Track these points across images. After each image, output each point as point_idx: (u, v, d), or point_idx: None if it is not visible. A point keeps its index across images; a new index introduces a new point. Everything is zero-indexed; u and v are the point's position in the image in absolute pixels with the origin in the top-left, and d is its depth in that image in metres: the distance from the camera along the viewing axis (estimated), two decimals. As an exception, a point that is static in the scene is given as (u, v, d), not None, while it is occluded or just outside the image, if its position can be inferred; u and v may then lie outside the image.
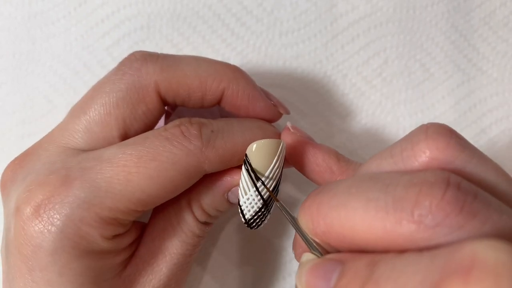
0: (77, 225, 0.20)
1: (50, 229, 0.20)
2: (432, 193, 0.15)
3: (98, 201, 0.20)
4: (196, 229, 0.23)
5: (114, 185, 0.20)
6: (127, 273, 0.23)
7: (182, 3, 0.31)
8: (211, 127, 0.22)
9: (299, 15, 0.31)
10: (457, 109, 0.31)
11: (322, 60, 0.31)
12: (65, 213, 0.20)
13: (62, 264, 0.20)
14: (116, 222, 0.21)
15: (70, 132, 0.23)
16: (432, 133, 0.17)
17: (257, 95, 0.24)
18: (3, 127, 0.31)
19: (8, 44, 0.31)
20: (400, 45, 0.31)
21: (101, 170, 0.21)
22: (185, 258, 0.23)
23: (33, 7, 0.31)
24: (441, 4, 0.31)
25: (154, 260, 0.23)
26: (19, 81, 0.31)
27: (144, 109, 0.23)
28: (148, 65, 0.23)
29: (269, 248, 0.30)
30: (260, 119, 0.25)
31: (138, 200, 0.21)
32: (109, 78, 0.23)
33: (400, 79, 0.31)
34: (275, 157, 0.21)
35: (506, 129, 0.31)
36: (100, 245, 0.21)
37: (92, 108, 0.23)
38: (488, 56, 0.31)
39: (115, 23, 0.31)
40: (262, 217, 0.22)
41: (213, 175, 0.23)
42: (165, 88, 0.23)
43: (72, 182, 0.20)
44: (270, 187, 0.21)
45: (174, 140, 0.21)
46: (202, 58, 0.24)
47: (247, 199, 0.21)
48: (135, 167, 0.20)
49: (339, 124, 0.31)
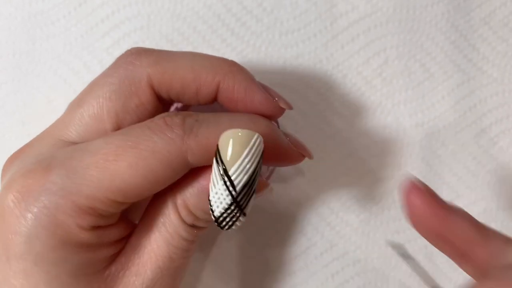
0: (53, 213, 0.20)
1: (26, 216, 0.20)
2: None
3: (75, 189, 0.20)
4: (182, 231, 0.22)
5: (92, 172, 0.20)
6: (111, 271, 0.22)
7: (182, 3, 0.31)
8: (196, 117, 0.21)
9: (299, 15, 0.31)
10: (457, 109, 0.31)
11: (322, 60, 0.31)
12: (41, 200, 0.20)
13: (37, 253, 0.20)
14: (94, 212, 0.20)
15: (65, 125, 0.23)
16: None
17: (255, 88, 0.23)
18: (3, 127, 0.31)
19: (8, 44, 0.31)
20: (400, 45, 0.31)
21: (82, 158, 0.20)
22: (171, 262, 0.22)
23: (33, 7, 0.31)
24: (441, 4, 0.31)
25: (139, 261, 0.22)
26: (19, 81, 0.31)
27: (137, 102, 0.23)
28: (142, 58, 0.23)
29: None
30: (259, 115, 0.23)
31: (117, 189, 0.20)
32: (104, 72, 0.23)
33: (400, 79, 0.31)
34: (246, 150, 0.19)
35: (506, 129, 0.31)
36: (78, 236, 0.20)
37: (86, 102, 0.23)
38: (488, 56, 0.31)
39: (115, 23, 0.31)
40: (233, 217, 0.20)
41: (199, 173, 0.22)
42: (158, 80, 0.23)
43: (52, 170, 0.20)
44: (239, 181, 0.19)
45: (156, 129, 0.20)
46: (198, 53, 0.24)
47: (215, 194, 0.20)
48: (114, 154, 0.20)
49: (339, 124, 0.31)
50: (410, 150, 0.31)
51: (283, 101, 0.24)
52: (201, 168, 0.22)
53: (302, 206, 0.30)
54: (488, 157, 0.31)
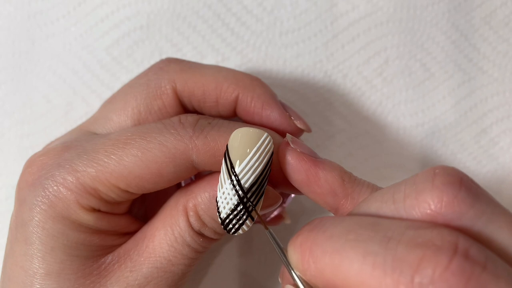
0: (58, 186, 0.21)
1: (35, 186, 0.21)
2: (437, 260, 0.13)
3: (82, 168, 0.21)
4: (187, 236, 0.22)
5: (100, 155, 0.21)
6: (107, 260, 0.22)
7: (182, 3, 0.31)
8: (210, 120, 0.22)
9: (299, 14, 0.31)
10: (457, 109, 0.31)
11: (322, 59, 0.31)
12: (51, 173, 0.21)
13: (37, 221, 0.21)
14: (96, 194, 0.21)
15: (94, 119, 0.25)
16: (439, 182, 0.16)
17: (272, 104, 0.24)
18: (3, 127, 0.31)
19: (8, 44, 0.31)
20: (400, 44, 0.31)
21: (95, 142, 0.22)
22: (170, 266, 0.22)
23: (32, 7, 0.31)
24: (442, 4, 0.31)
25: (137, 257, 0.22)
26: (19, 81, 0.31)
27: (160, 105, 0.24)
28: (171, 65, 0.24)
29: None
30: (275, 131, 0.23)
31: (120, 175, 0.21)
32: (138, 75, 0.25)
33: (400, 79, 0.31)
34: (254, 148, 0.19)
35: (507, 129, 0.31)
36: (76, 213, 0.21)
37: (115, 99, 0.25)
38: (488, 56, 0.31)
39: (115, 23, 0.31)
40: (239, 219, 0.20)
41: (213, 180, 0.22)
42: (182, 86, 0.24)
43: (68, 149, 0.22)
44: (247, 180, 0.19)
45: (169, 125, 0.21)
46: (224, 67, 0.25)
47: (222, 193, 0.20)
48: (124, 142, 0.21)
49: (339, 124, 0.31)
50: (410, 150, 0.31)
51: (301, 122, 0.24)
52: (216, 176, 0.22)
53: (302, 206, 0.30)
54: (488, 157, 0.31)
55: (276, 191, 0.22)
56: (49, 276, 0.21)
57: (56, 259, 0.21)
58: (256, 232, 0.30)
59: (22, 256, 0.21)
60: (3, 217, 0.30)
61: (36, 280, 0.21)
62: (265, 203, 0.21)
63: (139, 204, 0.25)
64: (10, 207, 0.23)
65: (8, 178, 0.31)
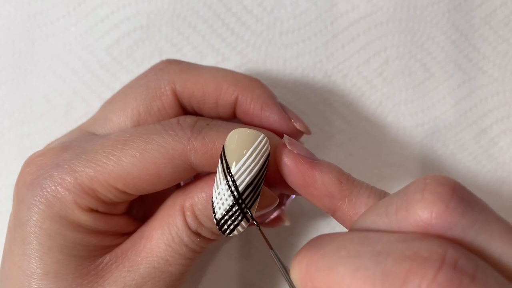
0: (56, 186, 0.21)
1: (33, 184, 0.21)
2: (423, 272, 0.13)
3: (81, 168, 0.21)
4: (184, 235, 0.22)
5: (98, 155, 0.21)
6: (105, 260, 0.22)
7: (182, 3, 0.31)
8: (208, 121, 0.22)
9: (299, 14, 0.31)
10: (457, 109, 0.31)
11: (322, 59, 0.31)
12: (49, 173, 0.21)
13: (35, 221, 0.21)
14: (94, 194, 0.21)
15: (94, 119, 0.25)
16: (429, 193, 0.15)
17: (272, 105, 0.24)
18: (3, 127, 0.31)
19: (8, 44, 0.31)
20: (400, 44, 0.31)
21: (94, 143, 0.22)
22: (167, 265, 0.22)
23: (32, 7, 0.31)
24: (442, 4, 0.31)
25: (134, 257, 0.22)
26: (19, 81, 0.31)
27: (159, 106, 0.24)
28: (171, 66, 0.24)
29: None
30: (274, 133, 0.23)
31: (118, 175, 0.21)
32: (138, 76, 0.25)
33: (400, 79, 0.31)
34: (250, 149, 0.19)
35: (507, 129, 0.31)
36: (74, 213, 0.21)
37: (115, 99, 0.25)
38: (488, 56, 0.31)
39: (115, 23, 0.31)
40: (234, 220, 0.20)
41: (211, 180, 0.22)
42: (181, 86, 0.24)
43: (67, 149, 0.22)
44: (242, 181, 0.19)
45: (168, 126, 0.21)
46: (224, 68, 0.25)
47: (218, 194, 0.20)
48: (122, 143, 0.21)
49: (339, 124, 0.31)
50: (410, 150, 0.31)
51: (300, 124, 0.24)
52: (214, 176, 0.22)
53: (301, 207, 0.30)
54: (488, 157, 0.31)
55: (275, 192, 0.22)
56: (46, 276, 0.21)
57: (53, 259, 0.21)
58: (254, 233, 0.30)
59: (20, 256, 0.21)
60: (3, 217, 0.30)
61: (34, 280, 0.21)
62: (261, 204, 0.21)
63: (138, 205, 0.25)
64: (9, 207, 0.23)
65: (8, 178, 0.31)
